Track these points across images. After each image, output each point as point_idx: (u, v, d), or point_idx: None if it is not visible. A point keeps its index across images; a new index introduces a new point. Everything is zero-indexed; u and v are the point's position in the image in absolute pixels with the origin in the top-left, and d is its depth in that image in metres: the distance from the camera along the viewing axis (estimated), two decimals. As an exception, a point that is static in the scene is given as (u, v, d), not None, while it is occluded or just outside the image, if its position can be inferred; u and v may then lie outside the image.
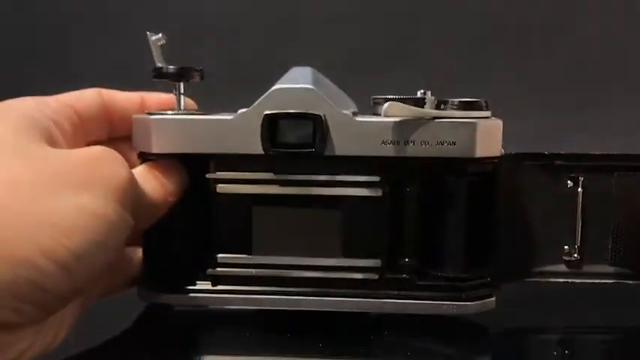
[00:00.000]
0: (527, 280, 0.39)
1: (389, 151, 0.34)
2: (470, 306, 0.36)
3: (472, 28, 0.51)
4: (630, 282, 0.39)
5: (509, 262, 0.37)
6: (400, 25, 0.57)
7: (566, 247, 0.38)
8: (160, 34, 0.37)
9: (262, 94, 0.35)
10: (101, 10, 0.67)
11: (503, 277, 0.37)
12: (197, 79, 0.37)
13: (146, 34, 0.37)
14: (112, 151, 0.31)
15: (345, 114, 0.34)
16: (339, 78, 0.40)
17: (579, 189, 0.38)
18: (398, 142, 0.34)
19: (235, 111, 0.35)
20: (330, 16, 0.60)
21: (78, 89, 0.36)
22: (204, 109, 0.38)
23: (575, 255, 0.38)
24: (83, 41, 0.68)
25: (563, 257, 0.38)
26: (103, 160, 0.31)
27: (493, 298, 0.37)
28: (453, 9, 0.55)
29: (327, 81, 0.38)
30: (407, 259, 0.36)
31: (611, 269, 0.38)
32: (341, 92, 0.39)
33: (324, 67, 0.39)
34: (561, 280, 0.39)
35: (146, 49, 0.37)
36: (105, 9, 0.67)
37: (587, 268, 0.38)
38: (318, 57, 0.46)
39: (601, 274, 0.38)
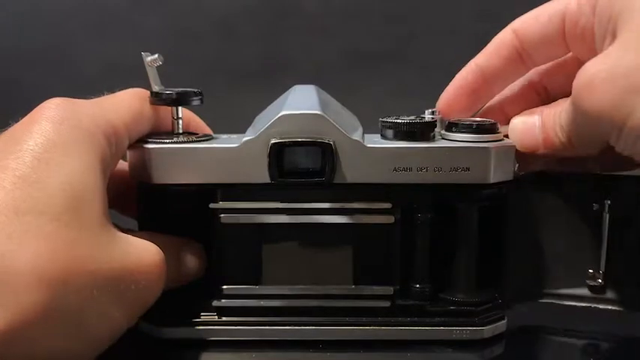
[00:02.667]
0: (548, 302, 0.38)
1: (401, 177, 0.33)
2: (482, 330, 0.35)
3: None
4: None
5: (527, 282, 0.37)
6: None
7: (590, 270, 0.37)
8: (157, 55, 0.34)
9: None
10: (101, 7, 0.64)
11: (519, 297, 0.37)
12: (197, 102, 0.35)
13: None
14: (163, 259, 0.31)
15: (355, 140, 0.33)
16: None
17: (605, 212, 0.36)
18: (410, 169, 0.33)
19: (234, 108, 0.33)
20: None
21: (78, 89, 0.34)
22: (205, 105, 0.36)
23: (600, 280, 0.37)
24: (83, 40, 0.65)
25: (587, 281, 0.37)
26: (150, 272, 0.30)
27: (505, 321, 0.36)
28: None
29: (332, 101, 0.37)
30: (418, 285, 0.35)
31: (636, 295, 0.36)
32: (346, 112, 0.37)
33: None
34: (583, 304, 0.37)
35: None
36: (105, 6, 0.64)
37: (610, 294, 0.37)
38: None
39: (624, 302, 0.37)
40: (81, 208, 0.27)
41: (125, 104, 0.33)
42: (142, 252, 0.30)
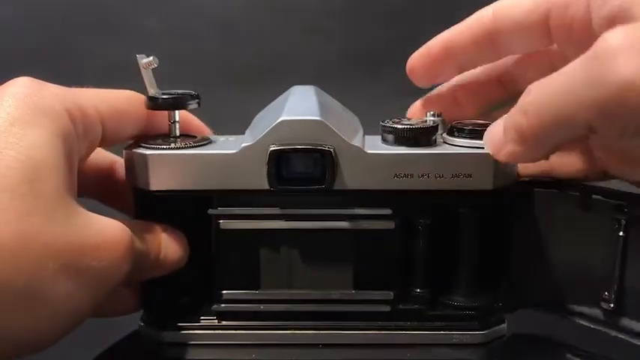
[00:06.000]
0: (560, 316, 0.36)
1: (402, 184, 0.33)
2: (482, 335, 0.35)
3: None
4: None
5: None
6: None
7: (606, 293, 0.34)
8: (152, 57, 0.34)
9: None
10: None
11: (528, 306, 0.36)
12: (194, 105, 0.34)
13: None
14: (130, 237, 0.30)
15: (356, 146, 0.32)
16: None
17: (620, 233, 0.33)
18: (411, 175, 0.33)
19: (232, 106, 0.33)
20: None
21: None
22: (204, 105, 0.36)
23: (611, 305, 0.33)
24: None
25: (601, 303, 0.34)
26: (114, 249, 0.29)
27: (504, 325, 0.36)
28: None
29: (332, 102, 0.36)
30: (418, 290, 0.35)
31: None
32: (346, 112, 0.37)
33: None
34: (592, 326, 0.35)
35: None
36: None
37: (621, 322, 0.33)
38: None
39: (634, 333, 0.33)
40: (38, 180, 0.27)
41: (104, 96, 0.33)
42: (104, 228, 0.29)
